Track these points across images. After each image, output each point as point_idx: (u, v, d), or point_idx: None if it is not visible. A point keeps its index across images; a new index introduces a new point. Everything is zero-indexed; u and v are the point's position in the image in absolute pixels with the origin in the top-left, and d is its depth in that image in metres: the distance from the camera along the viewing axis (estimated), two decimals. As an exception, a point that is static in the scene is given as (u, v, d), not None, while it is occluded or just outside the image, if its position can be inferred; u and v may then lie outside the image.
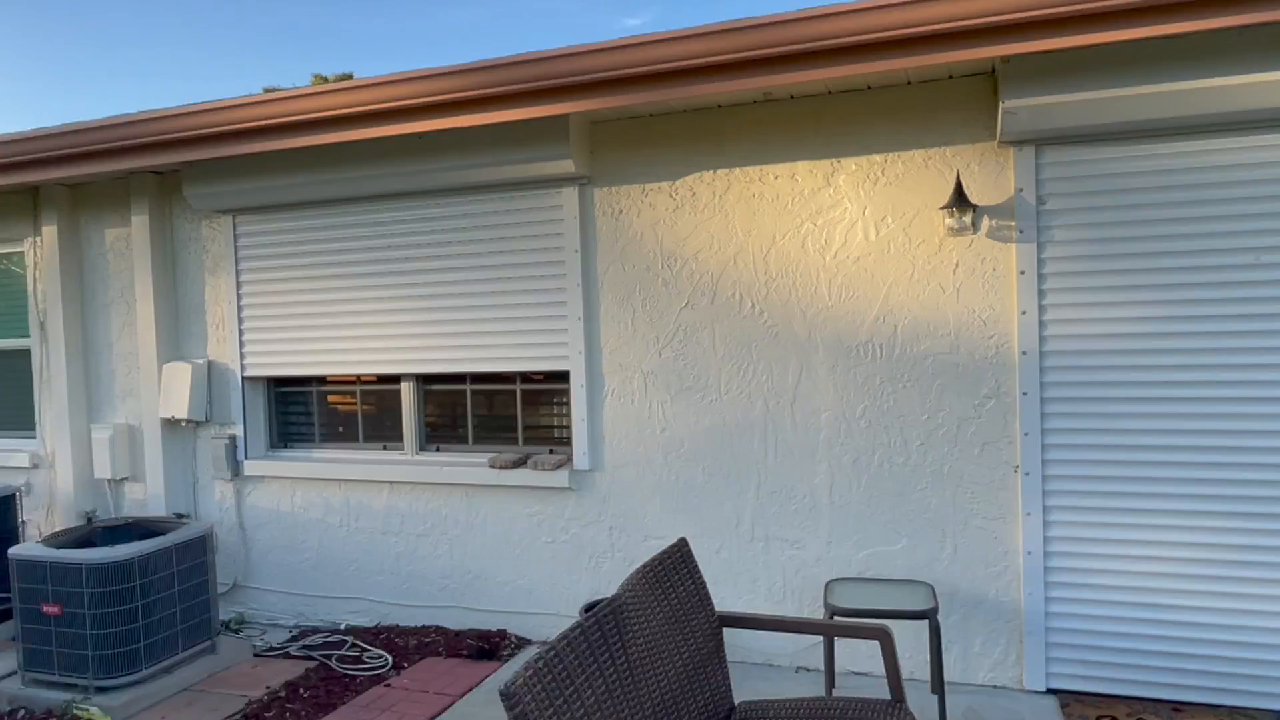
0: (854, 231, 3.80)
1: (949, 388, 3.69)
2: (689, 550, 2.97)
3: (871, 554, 3.84)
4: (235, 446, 4.93)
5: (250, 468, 4.91)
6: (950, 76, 3.62)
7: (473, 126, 4.05)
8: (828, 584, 3.67)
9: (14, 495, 5.07)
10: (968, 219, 3.53)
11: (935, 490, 3.73)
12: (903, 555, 3.79)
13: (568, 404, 4.47)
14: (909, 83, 3.68)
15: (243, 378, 4.91)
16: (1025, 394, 3.58)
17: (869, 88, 3.74)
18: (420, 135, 4.24)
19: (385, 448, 4.82)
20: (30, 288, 5.41)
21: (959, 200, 3.50)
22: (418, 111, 3.89)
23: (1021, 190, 3.54)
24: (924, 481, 3.75)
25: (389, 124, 3.91)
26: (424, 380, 4.71)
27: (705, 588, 2.96)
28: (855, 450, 3.84)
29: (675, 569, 2.85)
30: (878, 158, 3.76)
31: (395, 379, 4.75)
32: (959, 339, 3.67)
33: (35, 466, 5.47)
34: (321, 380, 4.93)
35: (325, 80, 27.38)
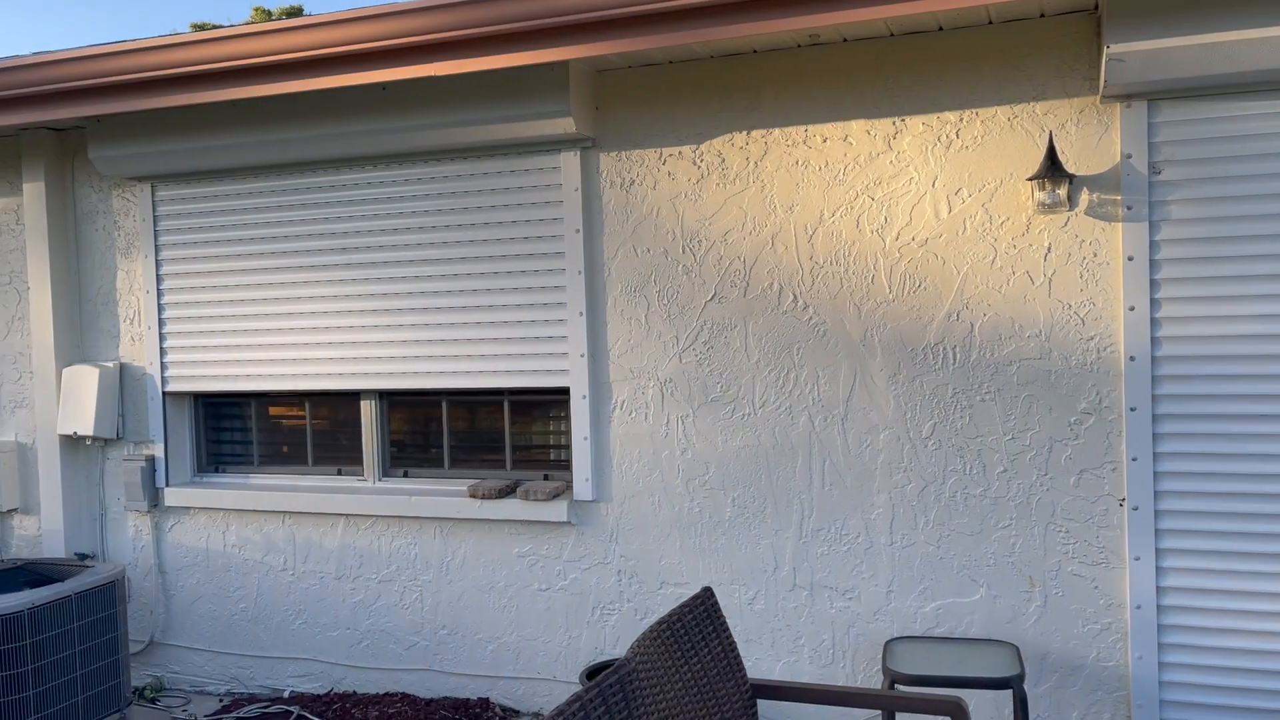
0: (921, 207, 3.86)
1: (1038, 401, 3.74)
2: (715, 602, 3.03)
3: (941, 607, 3.89)
4: (154, 470, 5.00)
5: (172, 497, 4.98)
6: (1042, 15, 3.67)
7: (450, 76, 4.10)
8: (888, 644, 3.73)
9: (-123, 529, 5.16)
10: (1062, 192, 3.58)
11: (1021, 528, 3.79)
12: (980, 608, 3.85)
13: (566, 419, 4.53)
14: (990, 22, 3.74)
15: (163, 391, 4.97)
16: (1133, 409, 3.63)
17: (940, 29, 3.79)
18: (384, 86, 4.30)
19: (340, 472, 4.89)
20: (-104, 272, 5.48)
21: (1052, 169, 3.56)
22: (382, 56, 3.95)
23: (1130, 156, 3.59)
24: (1007, 517, 3.80)
25: (347, 71, 3.97)
26: (389, 393, 4.77)
27: (735, 650, 3.02)
28: (922, 478, 3.90)
29: (698, 626, 2.92)
30: (950, 116, 3.81)
31: (354, 394, 4.81)
32: (1051, 341, 3.72)
33: (-98, 494, 5.54)
34: (261, 391, 4.99)
35: (268, 16, 27.50)
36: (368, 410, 4.77)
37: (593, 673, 3.96)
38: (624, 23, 3.68)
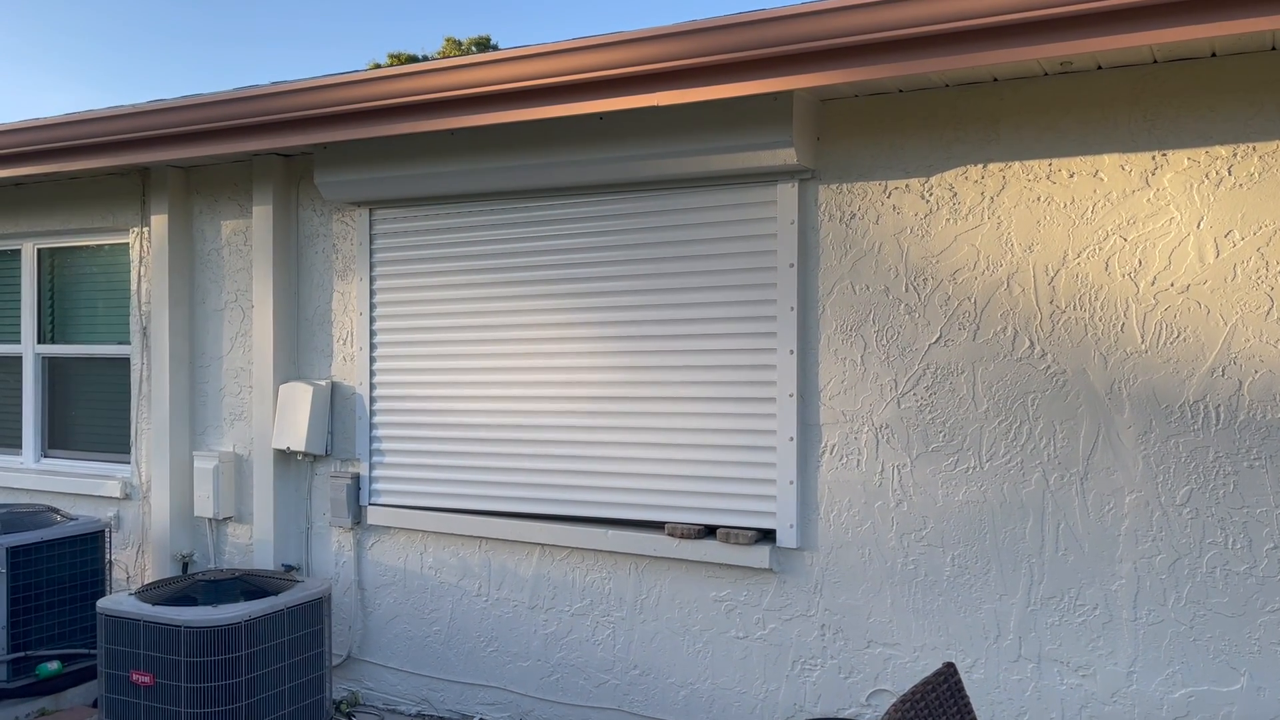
0: (1183, 250, 3.46)
1: (1320, 471, 3.28)
2: (959, 680, 2.74)
3: (1193, 694, 3.45)
4: (358, 488, 5.04)
5: (375, 515, 4.99)
6: (1338, 40, 3.24)
7: (666, 106, 3.94)
8: (1133, 732, 3.33)
9: (103, 532, 5.39)
10: (1360, 238, 3.13)
11: (1294, 613, 3.32)
12: (1241, 700, 3.39)
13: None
14: (1274, 48, 3.32)
15: (370, 410, 5.01)
16: None
17: (1213, 55, 3.40)
18: (601, 116, 4.20)
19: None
20: (134, 285, 5.75)
21: (1348, 212, 3.11)
22: (603, 86, 3.85)
23: None
24: (1276, 600, 3.34)
25: (568, 101, 3.89)
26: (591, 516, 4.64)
27: (979, 732, 2.71)
28: (1173, 549, 3.48)
29: (942, 706, 2.63)
30: (1222, 150, 3.41)
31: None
32: (1338, 404, 3.26)
33: (127, 497, 5.79)
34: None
35: (459, 45, 28.47)
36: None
37: (795, 732, 3.69)
38: (860, 50, 3.45)
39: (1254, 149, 3.36)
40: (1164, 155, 3.49)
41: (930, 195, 3.85)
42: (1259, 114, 3.35)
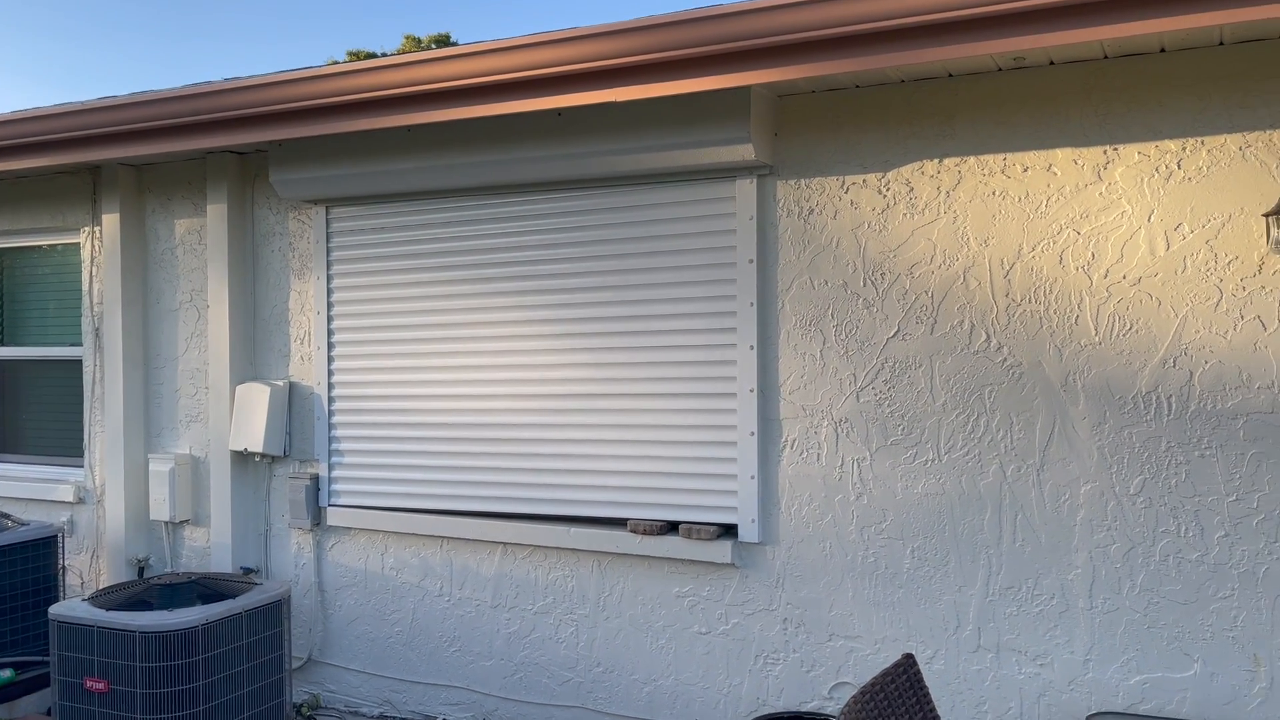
0: (1134, 243, 3.51)
1: (1269, 460, 3.34)
2: (918, 671, 2.75)
3: (1148, 681, 3.50)
4: (317, 489, 4.98)
5: (334, 516, 4.95)
6: (1283, 35, 3.30)
7: (625, 102, 3.94)
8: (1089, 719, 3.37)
9: (55, 537, 5.29)
10: (1305, 230, 3.19)
11: (1245, 600, 3.37)
12: (1194, 686, 3.44)
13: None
14: (1221, 43, 3.37)
15: (329, 410, 4.96)
16: (1384, 474, 3.19)
17: (1163, 50, 3.45)
18: (560, 112, 4.18)
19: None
20: (86, 286, 5.65)
21: (1293, 204, 3.17)
22: (563, 82, 3.83)
23: (1385, 192, 3.18)
24: (1228, 586, 3.40)
25: (527, 97, 3.87)
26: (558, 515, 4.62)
27: (938, 722, 2.73)
28: (1128, 538, 3.53)
29: (901, 696, 2.65)
30: (1171, 144, 3.46)
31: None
32: (1285, 393, 3.32)
33: (80, 501, 5.70)
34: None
35: (418, 43, 28.21)
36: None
37: (758, 726, 3.71)
38: (814, 46, 3.46)
39: (1202, 143, 3.42)
40: (1115, 149, 3.54)
41: (887, 190, 3.88)
42: (1206, 109, 3.41)
